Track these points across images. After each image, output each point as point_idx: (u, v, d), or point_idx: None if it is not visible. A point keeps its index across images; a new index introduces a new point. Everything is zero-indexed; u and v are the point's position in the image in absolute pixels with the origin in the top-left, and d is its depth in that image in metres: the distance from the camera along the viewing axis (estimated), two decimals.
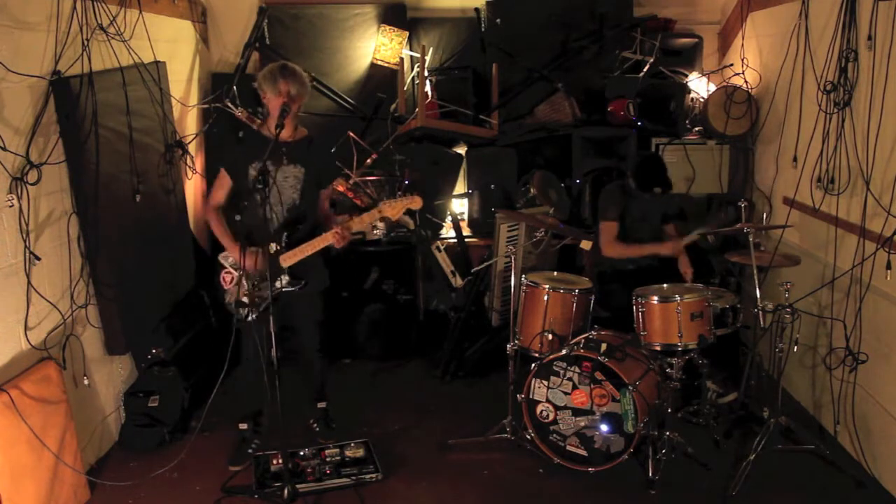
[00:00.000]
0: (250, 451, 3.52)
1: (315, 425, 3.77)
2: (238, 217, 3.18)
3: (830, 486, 3.28)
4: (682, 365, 3.46)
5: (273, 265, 3.22)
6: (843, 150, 3.43)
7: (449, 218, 4.81)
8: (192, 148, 4.44)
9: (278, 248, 3.22)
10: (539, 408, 3.47)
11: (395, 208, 3.27)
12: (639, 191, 3.99)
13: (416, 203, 3.30)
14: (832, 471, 3.35)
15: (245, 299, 3.22)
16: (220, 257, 3.42)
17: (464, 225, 4.91)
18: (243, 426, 3.62)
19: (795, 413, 3.81)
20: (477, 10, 5.02)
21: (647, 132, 4.78)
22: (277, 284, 3.26)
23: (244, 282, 3.24)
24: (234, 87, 4.49)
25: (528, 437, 3.52)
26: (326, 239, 3.23)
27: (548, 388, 3.43)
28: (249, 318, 3.25)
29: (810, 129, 3.74)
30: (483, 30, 5.01)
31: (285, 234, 3.25)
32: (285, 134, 3.30)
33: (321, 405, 3.79)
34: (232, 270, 3.36)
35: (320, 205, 3.49)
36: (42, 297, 3.05)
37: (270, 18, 4.89)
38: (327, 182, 3.54)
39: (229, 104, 4.39)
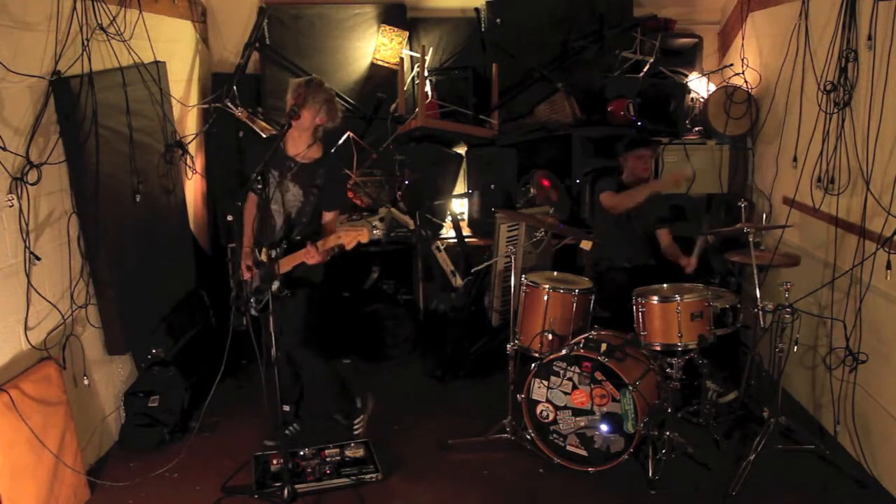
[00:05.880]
0: (288, 433, 3.51)
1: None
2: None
3: (830, 486, 3.28)
4: (682, 365, 3.46)
5: (270, 270, 3.23)
6: (843, 150, 3.43)
7: (449, 218, 4.81)
8: (192, 148, 4.44)
9: (273, 254, 3.22)
10: (539, 408, 3.47)
11: (349, 236, 3.18)
12: (635, 149, 4.21)
13: (364, 237, 3.19)
14: (832, 471, 3.35)
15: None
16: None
17: (464, 225, 4.91)
18: (286, 408, 3.62)
19: (795, 413, 3.81)
20: (477, 10, 5.01)
21: (647, 132, 4.77)
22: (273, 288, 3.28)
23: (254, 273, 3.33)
24: (234, 87, 4.49)
25: (528, 437, 3.52)
26: (299, 256, 3.24)
27: (548, 388, 3.43)
28: (253, 312, 3.31)
29: (810, 129, 3.74)
30: (483, 30, 5.00)
31: (284, 242, 3.27)
32: (295, 150, 3.37)
33: (286, 408, 3.69)
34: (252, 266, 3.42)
35: (324, 223, 3.44)
36: (42, 297, 3.05)
37: (270, 18, 4.88)
38: (330, 206, 3.44)
39: (229, 104, 4.39)
